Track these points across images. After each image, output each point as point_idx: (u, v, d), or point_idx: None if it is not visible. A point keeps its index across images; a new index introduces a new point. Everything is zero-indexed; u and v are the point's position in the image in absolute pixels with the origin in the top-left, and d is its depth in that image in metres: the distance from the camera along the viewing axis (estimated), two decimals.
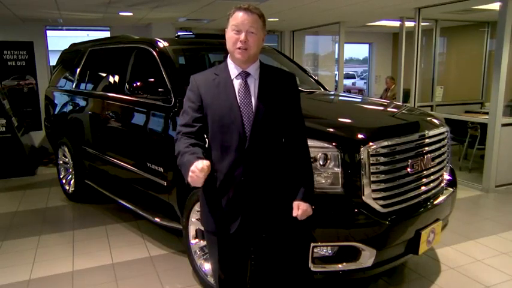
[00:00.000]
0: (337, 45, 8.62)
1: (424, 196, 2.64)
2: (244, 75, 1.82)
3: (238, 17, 1.75)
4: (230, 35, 1.78)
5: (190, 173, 1.61)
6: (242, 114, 1.77)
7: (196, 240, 2.85)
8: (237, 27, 1.75)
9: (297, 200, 1.86)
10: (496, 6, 5.06)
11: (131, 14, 6.54)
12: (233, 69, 1.83)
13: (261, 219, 1.84)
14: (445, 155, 2.88)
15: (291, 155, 1.88)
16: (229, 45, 1.80)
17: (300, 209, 1.84)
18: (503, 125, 4.95)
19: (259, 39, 1.78)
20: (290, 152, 1.88)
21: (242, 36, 1.74)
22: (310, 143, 2.21)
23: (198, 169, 1.58)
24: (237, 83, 1.81)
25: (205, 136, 1.86)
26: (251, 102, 1.79)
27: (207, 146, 1.84)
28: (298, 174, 1.88)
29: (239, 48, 1.75)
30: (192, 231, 2.84)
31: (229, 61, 1.86)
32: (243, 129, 1.76)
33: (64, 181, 4.95)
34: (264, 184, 1.82)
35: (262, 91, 1.81)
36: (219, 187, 1.81)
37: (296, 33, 9.52)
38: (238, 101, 1.78)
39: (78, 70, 4.63)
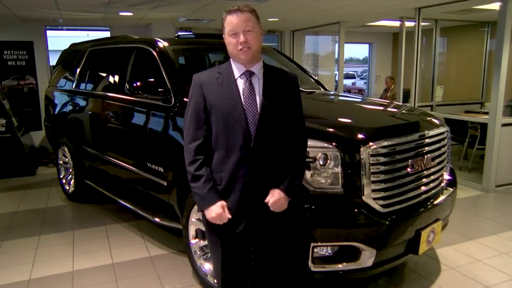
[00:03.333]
0: (337, 45, 8.63)
1: (424, 196, 2.64)
2: (249, 74, 1.82)
3: (231, 20, 1.76)
4: (229, 40, 1.79)
5: (212, 217, 1.79)
6: (247, 114, 1.77)
7: (196, 240, 2.85)
8: (233, 30, 1.76)
9: (274, 188, 1.82)
10: (496, 6, 5.06)
11: (131, 14, 6.54)
12: (236, 69, 1.83)
13: (265, 219, 1.84)
14: (445, 155, 2.88)
15: (289, 152, 1.88)
16: (231, 49, 1.80)
17: (274, 196, 1.80)
18: (503, 125, 4.95)
19: (257, 35, 1.79)
20: (289, 150, 1.88)
21: (241, 37, 1.75)
22: (310, 143, 2.22)
23: (222, 217, 1.78)
24: (241, 82, 1.82)
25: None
26: (256, 101, 1.79)
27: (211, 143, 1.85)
28: (288, 168, 1.87)
29: (241, 49, 1.75)
30: (192, 231, 2.84)
31: (232, 61, 1.86)
32: (248, 129, 1.76)
33: (64, 181, 4.95)
34: (269, 183, 1.82)
35: (266, 91, 1.81)
36: (224, 187, 1.81)
37: (296, 33, 9.52)
38: (243, 100, 1.78)
39: (78, 70, 4.63)
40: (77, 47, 5.01)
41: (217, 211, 1.78)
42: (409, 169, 2.50)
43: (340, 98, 3.91)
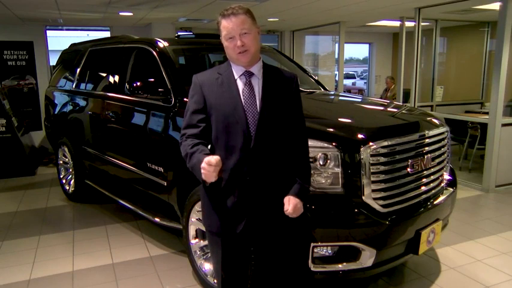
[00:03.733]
0: (337, 45, 8.63)
1: (424, 196, 2.64)
2: (248, 75, 1.81)
3: (226, 25, 1.74)
4: (226, 45, 1.78)
5: (202, 170, 1.62)
6: (247, 114, 1.76)
7: (196, 240, 2.85)
8: (228, 34, 1.75)
9: (289, 195, 1.81)
10: (496, 6, 5.06)
11: (131, 14, 6.54)
12: (236, 69, 1.83)
13: (266, 219, 1.84)
14: (445, 155, 2.88)
15: (291, 154, 1.88)
16: (229, 53, 1.80)
17: (290, 203, 1.78)
18: (503, 125, 4.95)
19: (254, 36, 1.77)
20: (290, 151, 1.88)
21: (238, 41, 1.73)
22: (310, 143, 2.21)
23: (207, 164, 1.60)
24: (240, 83, 1.81)
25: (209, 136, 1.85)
26: (255, 102, 1.79)
27: (210, 146, 1.84)
28: (294, 172, 1.87)
29: (240, 52, 1.75)
30: (192, 231, 2.84)
31: (231, 61, 1.86)
32: (248, 129, 1.76)
33: (64, 181, 4.96)
34: (269, 184, 1.82)
35: (266, 91, 1.81)
36: (224, 187, 1.81)
37: (296, 33, 9.52)
38: (243, 100, 1.78)
39: (78, 70, 4.64)
40: (77, 47, 5.01)
41: (206, 160, 1.61)
42: (409, 169, 2.50)
43: (340, 98, 3.91)
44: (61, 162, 4.98)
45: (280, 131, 1.83)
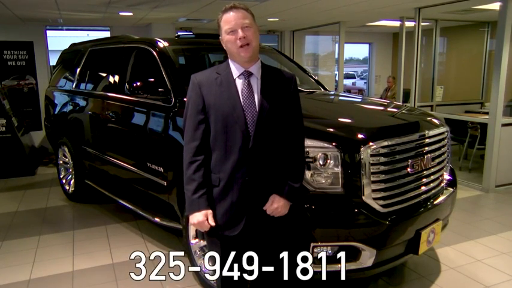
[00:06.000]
0: (337, 45, 8.63)
1: (424, 196, 2.64)
2: (247, 74, 1.81)
3: (228, 18, 1.76)
4: (227, 38, 1.78)
5: (194, 222, 1.82)
6: (246, 114, 1.76)
7: (196, 240, 2.85)
8: (231, 28, 1.75)
9: (274, 194, 1.83)
10: (496, 6, 5.06)
11: (131, 14, 6.54)
12: (235, 69, 1.83)
13: (265, 220, 1.84)
14: (445, 155, 2.88)
15: (287, 152, 1.88)
16: (230, 47, 1.79)
17: (272, 204, 1.81)
18: (503, 125, 4.95)
19: (255, 31, 1.79)
20: (287, 150, 1.88)
21: (240, 33, 1.74)
22: (310, 143, 2.22)
23: (203, 227, 1.82)
24: (239, 83, 1.81)
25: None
26: (254, 101, 1.79)
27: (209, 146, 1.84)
28: (287, 171, 1.87)
29: (241, 46, 1.74)
30: (192, 231, 2.84)
31: (230, 61, 1.86)
32: (247, 129, 1.76)
33: (64, 181, 4.96)
34: (268, 184, 1.82)
35: (265, 91, 1.81)
36: (223, 188, 1.81)
37: (296, 33, 9.52)
38: (242, 100, 1.78)
39: (78, 70, 4.64)
40: (77, 47, 5.01)
41: (200, 219, 1.79)
42: (409, 169, 2.50)
43: (340, 98, 3.90)
44: (61, 162, 4.98)
45: (279, 130, 1.83)
